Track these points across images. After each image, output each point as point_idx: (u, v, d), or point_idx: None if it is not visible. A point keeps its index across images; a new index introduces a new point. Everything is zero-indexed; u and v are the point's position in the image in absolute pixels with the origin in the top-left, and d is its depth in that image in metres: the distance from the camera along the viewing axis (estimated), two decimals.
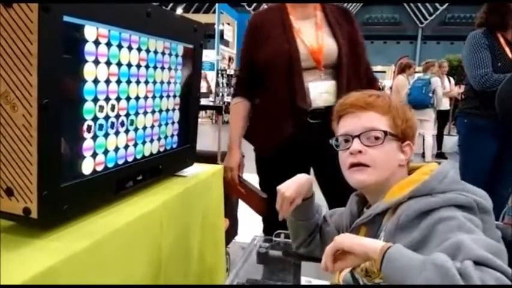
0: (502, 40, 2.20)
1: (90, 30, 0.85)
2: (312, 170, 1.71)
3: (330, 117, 1.18)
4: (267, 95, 1.62)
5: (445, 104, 6.38)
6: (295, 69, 1.54)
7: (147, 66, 1.06)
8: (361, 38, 1.66)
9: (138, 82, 1.03)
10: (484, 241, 0.70)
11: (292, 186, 1.03)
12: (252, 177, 2.31)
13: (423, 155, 5.77)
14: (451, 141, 6.67)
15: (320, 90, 1.56)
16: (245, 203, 1.76)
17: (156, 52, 1.09)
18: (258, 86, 1.63)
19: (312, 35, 1.59)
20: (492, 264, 0.64)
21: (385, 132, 0.90)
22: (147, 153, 1.12)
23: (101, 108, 0.91)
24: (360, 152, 0.90)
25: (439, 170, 0.87)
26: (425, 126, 5.54)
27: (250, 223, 2.84)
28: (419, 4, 19.59)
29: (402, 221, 0.82)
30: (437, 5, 19.58)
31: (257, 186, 1.70)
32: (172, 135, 1.25)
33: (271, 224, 1.75)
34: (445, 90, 6.17)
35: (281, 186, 1.04)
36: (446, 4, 19.20)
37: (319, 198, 1.72)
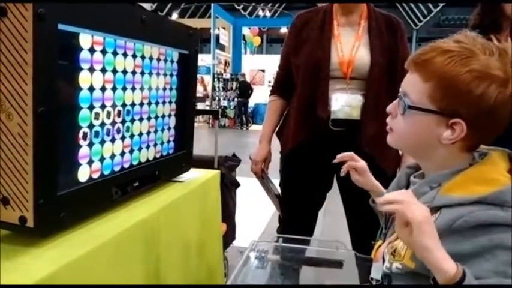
0: (495, 42, 2.21)
1: (85, 38, 0.85)
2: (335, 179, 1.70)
3: (353, 127, 1.12)
4: (295, 98, 1.64)
5: None
6: (322, 77, 1.53)
7: (142, 73, 1.06)
8: (404, 53, 1.56)
9: (133, 89, 1.03)
10: None
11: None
12: (246, 180, 2.31)
13: None
14: None
15: (342, 103, 1.53)
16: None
17: (151, 58, 1.09)
18: (293, 86, 1.65)
19: (349, 44, 1.55)
20: None
21: (409, 106, 0.79)
22: (143, 160, 1.12)
23: (97, 115, 0.91)
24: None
25: None
26: None
27: (249, 228, 2.83)
28: (413, 6, 19.67)
29: (458, 225, 0.71)
30: (431, 7, 19.66)
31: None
32: (168, 141, 1.25)
33: (286, 224, 1.74)
34: None
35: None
36: (441, 6, 19.26)
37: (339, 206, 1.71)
